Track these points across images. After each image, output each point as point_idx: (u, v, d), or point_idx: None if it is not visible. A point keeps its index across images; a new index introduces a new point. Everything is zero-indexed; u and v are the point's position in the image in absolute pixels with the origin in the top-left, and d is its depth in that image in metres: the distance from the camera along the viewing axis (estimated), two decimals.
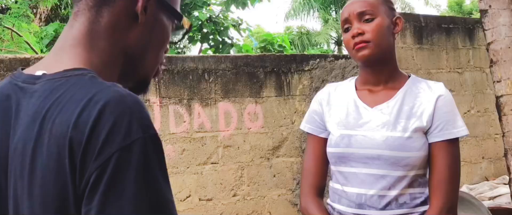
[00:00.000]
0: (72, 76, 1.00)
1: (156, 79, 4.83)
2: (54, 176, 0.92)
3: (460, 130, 1.84)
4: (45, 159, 0.93)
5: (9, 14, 9.80)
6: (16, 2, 9.93)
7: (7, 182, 1.00)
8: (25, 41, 9.15)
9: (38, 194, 0.93)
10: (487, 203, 4.86)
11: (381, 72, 1.95)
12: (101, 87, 0.97)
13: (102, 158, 0.89)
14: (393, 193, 1.83)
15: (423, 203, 1.86)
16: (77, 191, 0.91)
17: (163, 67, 1.23)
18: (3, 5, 11.38)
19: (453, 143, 1.84)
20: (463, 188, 5.71)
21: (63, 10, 12.22)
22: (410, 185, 1.84)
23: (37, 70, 1.06)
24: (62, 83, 0.98)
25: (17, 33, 9.39)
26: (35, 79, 1.03)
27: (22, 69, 1.12)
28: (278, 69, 5.34)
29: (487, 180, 6.47)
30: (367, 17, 1.89)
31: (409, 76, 1.99)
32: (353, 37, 1.89)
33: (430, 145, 1.85)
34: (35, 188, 0.94)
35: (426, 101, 1.87)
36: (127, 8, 1.11)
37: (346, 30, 1.95)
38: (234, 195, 5.07)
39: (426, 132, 1.85)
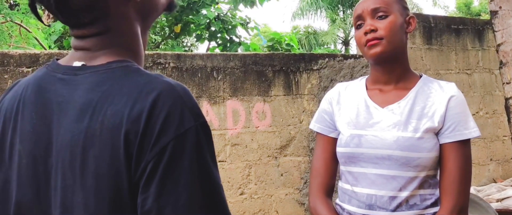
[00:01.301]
0: (118, 68, 1.02)
1: (165, 75, 4.83)
2: (108, 167, 0.94)
3: (472, 131, 1.82)
4: (97, 150, 0.94)
5: (18, 10, 9.83)
6: None
7: (47, 174, 1.01)
8: (34, 37, 9.18)
9: (91, 185, 0.95)
10: (495, 205, 4.84)
11: (392, 71, 1.93)
12: (150, 78, 0.99)
13: (158, 147, 0.92)
14: (404, 194, 1.81)
15: (433, 204, 1.84)
16: (132, 180, 0.93)
17: None
18: (11, 1, 11.41)
19: (465, 144, 1.82)
20: (471, 190, 5.68)
21: None
22: (421, 186, 1.83)
23: (73, 61, 1.07)
24: (108, 76, 1.01)
25: (26, 29, 9.43)
26: (76, 70, 1.04)
27: (57, 59, 1.13)
28: (287, 68, 5.33)
29: (495, 182, 6.44)
30: (380, 14, 1.88)
31: (420, 76, 1.97)
32: (366, 33, 1.87)
33: (441, 145, 1.83)
34: (88, 179, 0.95)
35: (437, 101, 1.85)
36: (118, 2, 1.09)
37: (359, 27, 1.93)
38: (241, 194, 5.06)
39: (437, 133, 1.83)
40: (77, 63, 1.05)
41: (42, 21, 1.28)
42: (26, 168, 1.03)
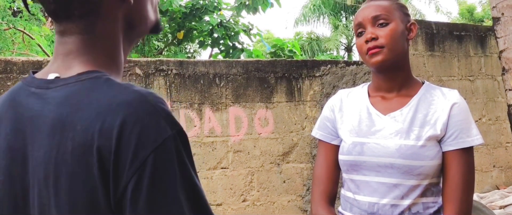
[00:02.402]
0: (87, 80, 0.98)
1: (167, 84, 4.84)
2: (83, 184, 0.91)
3: (474, 138, 1.81)
4: (70, 167, 0.92)
5: (20, 17, 9.86)
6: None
7: (25, 191, 0.99)
8: (37, 44, 9.21)
9: (66, 202, 0.93)
10: (497, 212, 4.83)
11: (394, 78, 1.92)
12: (119, 89, 0.96)
13: (138, 162, 0.89)
14: (406, 202, 1.81)
15: (436, 212, 1.83)
16: (113, 197, 0.90)
17: None
18: (15, 8, 11.44)
19: (468, 151, 1.81)
20: (474, 197, 5.67)
21: None
22: (424, 194, 1.82)
23: (49, 74, 1.04)
24: (77, 89, 0.97)
25: (29, 35, 9.45)
26: (48, 84, 1.01)
27: (34, 72, 1.10)
28: (289, 75, 5.34)
29: (498, 188, 6.43)
30: (381, 21, 1.87)
31: (423, 83, 1.96)
32: (367, 42, 1.87)
33: (444, 153, 1.81)
34: (62, 196, 0.93)
35: (440, 109, 1.84)
36: (112, 3, 1.08)
37: (359, 35, 1.92)
38: (244, 200, 5.06)
39: (440, 140, 1.82)
40: (52, 76, 1.02)
41: (29, 11, 1.26)
42: (3, 185, 1.01)
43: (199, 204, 0.95)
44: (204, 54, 30.06)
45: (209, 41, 11.40)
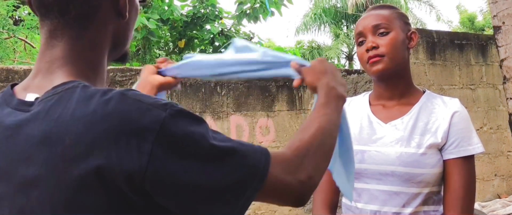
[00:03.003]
0: (64, 91, 0.96)
1: (169, 92, 4.85)
2: (82, 200, 0.89)
3: (475, 146, 1.81)
4: (64, 182, 0.89)
5: (22, 26, 9.88)
6: (29, 14, 10.01)
7: (19, 210, 0.95)
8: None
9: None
10: None
11: (395, 87, 1.93)
12: (98, 93, 0.94)
13: (146, 156, 0.89)
14: (408, 210, 1.80)
15: None
16: (128, 200, 0.91)
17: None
18: (16, 17, 11.46)
19: (468, 160, 1.81)
20: (475, 206, 5.66)
21: None
22: (425, 202, 1.82)
23: (28, 92, 1.02)
24: (56, 101, 0.95)
25: (30, 44, 9.46)
26: (28, 106, 0.98)
27: (12, 86, 1.08)
28: (290, 83, 5.33)
29: (500, 197, 6.42)
30: (381, 30, 1.87)
31: (424, 92, 1.97)
32: (367, 50, 1.87)
33: (445, 161, 1.81)
34: (50, 208, 0.91)
35: (441, 117, 1.84)
36: (108, 12, 1.08)
37: (360, 44, 1.92)
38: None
39: (441, 149, 1.82)
40: (31, 96, 1.00)
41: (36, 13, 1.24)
42: None
43: (224, 159, 0.96)
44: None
45: (210, 50, 11.40)
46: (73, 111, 0.91)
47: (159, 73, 1.60)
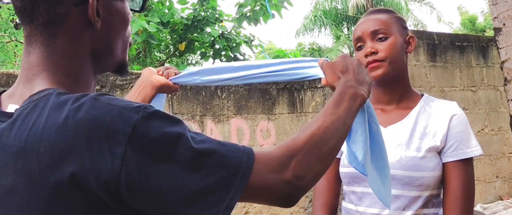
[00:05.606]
0: (39, 99, 0.96)
1: (169, 96, 4.85)
2: (61, 207, 0.90)
3: (474, 149, 1.82)
4: (40, 190, 0.90)
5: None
6: None
7: None
8: None
9: None
10: None
11: (394, 91, 1.93)
12: (71, 99, 0.94)
13: (119, 160, 0.88)
14: (408, 213, 1.81)
15: None
16: (108, 202, 0.90)
17: (131, 39, 1.22)
18: (17, 21, 11.49)
19: (467, 162, 1.82)
20: (477, 207, 5.67)
21: None
22: (425, 205, 1.82)
23: (11, 101, 1.03)
24: (31, 109, 0.95)
25: None
26: (8, 118, 0.98)
27: (1, 92, 1.09)
28: (291, 86, 5.34)
29: (501, 199, 6.42)
30: (380, 36, 1.87)
31: (422, 95, 1.97)
32: (366, 56, 1.87)
33: (444, 164, 1.82)
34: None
35: (439, 120, 1.85)
36: (78, 20, 1.07)
37: (359, 49, 1.93)
38: (246, 213, 5.05)
39: (439, 152, 1.83)
40: (12, 107, 1.00)
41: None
42: None
43: (200, 160, 0.95)
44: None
45: (211, 53, 11.40)
46: (46, 119, 0.91)
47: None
